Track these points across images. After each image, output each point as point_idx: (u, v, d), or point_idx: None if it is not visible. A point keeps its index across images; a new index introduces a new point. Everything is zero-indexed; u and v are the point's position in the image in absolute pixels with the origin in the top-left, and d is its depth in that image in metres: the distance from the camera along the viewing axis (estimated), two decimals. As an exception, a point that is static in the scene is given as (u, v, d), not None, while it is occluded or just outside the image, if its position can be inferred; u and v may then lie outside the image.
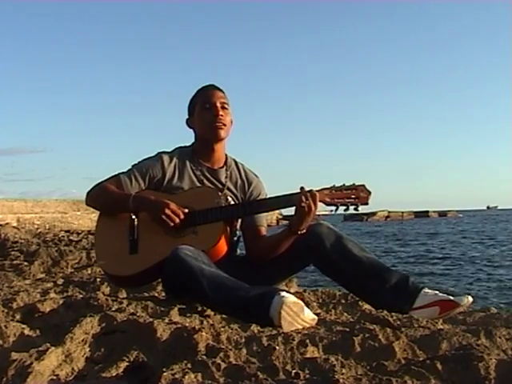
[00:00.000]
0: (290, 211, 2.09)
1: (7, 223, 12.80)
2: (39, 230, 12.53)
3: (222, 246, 2.03)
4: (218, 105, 2.17)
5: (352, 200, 2.05)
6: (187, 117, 2.28)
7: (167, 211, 2.00)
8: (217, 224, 2.05)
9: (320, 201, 2.02)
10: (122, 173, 2.18)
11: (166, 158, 2.19)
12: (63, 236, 9.26)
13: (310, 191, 2.00)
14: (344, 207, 2.06)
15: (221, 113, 2.17)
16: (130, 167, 2.20)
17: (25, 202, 16.87)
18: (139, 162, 2.21)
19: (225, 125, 2.18)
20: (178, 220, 2.01)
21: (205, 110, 2.18)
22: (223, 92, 2.24)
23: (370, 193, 2.06)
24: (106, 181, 2.18)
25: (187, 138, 2.31)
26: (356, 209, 2.06)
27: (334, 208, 2.06)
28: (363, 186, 2.07)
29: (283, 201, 2.08)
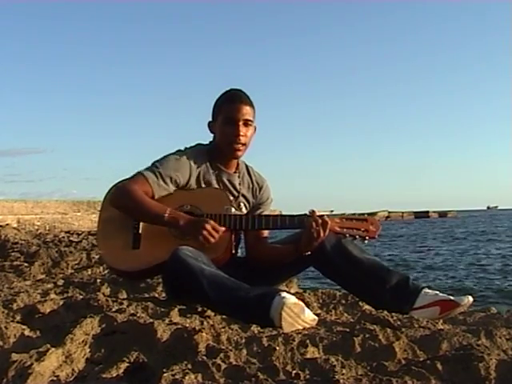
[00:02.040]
0: (290, 211, 2.09)
1: (7, 224, 12.81)
2: (39, 231, 12.53)
3: (226, 256, 2.03)
4: (241, 122, 2.10)
5: (360, 232, 2.03)
6: (210, 119, 2.20)
7: (207, 229, 1.91)
8: (224, 234, 2.01)
9: (329, 228, 2.00)
10: (145, 171, 2.05)
11: (192, 162, 2.11)
12: (63, 237, 9.27)
13: (322, 217, 1.98)
14: (352, 238, 2.04)
15: (242, 133, 2.10)
16: (154, 165, 2.07)
17: (25, 202, 16.88)
18: (165, 161, 2.08)
19: (244, 144, 2.13)
20: (216, 238, 1.94)
21: (227, 125, 2.11)
22: (250, 103, 2.15)
23: (379, 227, 2.05)
24: (131, 180, 2.05)
25: (190, 139, 2.28)
26: (363, 241, 2.05)
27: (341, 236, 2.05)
28: (374, 218, 2.06)
29: (295, 222, 2.05)
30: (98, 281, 2.89)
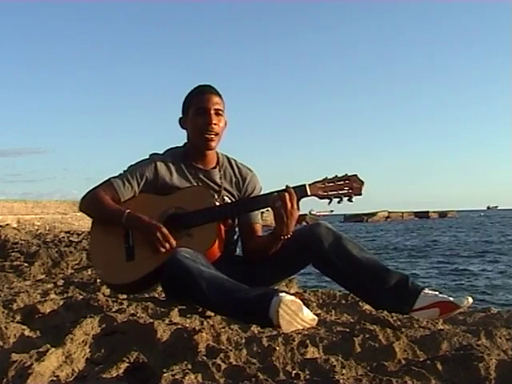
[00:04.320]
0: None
1: (7, 224, 12.80)
2: (39, 231, 12.52)
3: (218, 247, 2.02)
4: (212, 112, 2.11)
5: (346, 191, 2.03)
6: (181, 115, 2.23)
7: (158, 235, 1.97)
8: (211, 225, 2.02)
9: (313, 195, 2.02)
10: (115, 177, 2.14)
11: (159, 161, 2.15)
12: (63, 237, 9.26)
13: (286, 189, 1.97)
14: (338, 199, 2.03)
15: (214, 121, 2.11)
16: (122, 171, 2.16)
17: (25, 202, 16.88)
18: (132, 166, 2.17)
19: (217, 134, 2.13)
20: (167, 246, 1.98)
21: (198, 116, 2.12)
22: (219, 95, 2.18)
23: (362, 183, 2.04)
24: (99, 186, 2.13)
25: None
26: (350, 200, 2.04)
27: (327, 201, 2.04)
28: (355, 175, 2.05)
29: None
30: (98, 281, 2.89)
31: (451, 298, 1.90)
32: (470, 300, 1.89)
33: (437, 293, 1.94)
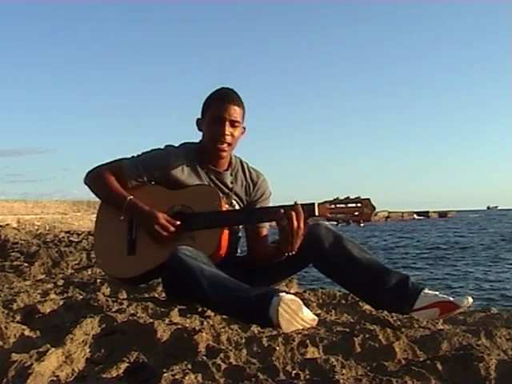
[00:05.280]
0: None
1: (7, 224, 12.79)
2: (39, 231, 12.51)
3: (220, 252, 2.02)
4: (227, 122, 2.09)
5: (354, 216, 1.97)
6: (199, 116, 2.21)
7: (157, 225, 1.99)
8: (215, 231, 2.00)
9: (321, 215, 1.98)
10: (126, 159, 2.14)
11: (173, 155, 2.14)
12: (63, 237, 9.25)
13: (293, 206, 1.93)
14: (345, 223, 1.99)
15: (227, 132, 2.09)
16: (138, 155, 2.16)
17: (25, 202, 16.88)
18: (146, 153, 2.16)
19: (230, 144, 2.12)
20: (167, 233, 2.00)
21: (213, 124, 2.10)
22: (239, 104, 2.13)
23: (374, 208, 1.97)
24: (108, 164, 2.14)
25: (190, 137, 2.28)
26: (358, 225, 1.98)
27: (334, 223, 2.00)
28: (368, 200, 1.97)
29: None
30: (98, 281, 2.89)
31: (451, 298, 1.90)
32: (470, 300, 1.89)
33: (437, 293, 1.94)
